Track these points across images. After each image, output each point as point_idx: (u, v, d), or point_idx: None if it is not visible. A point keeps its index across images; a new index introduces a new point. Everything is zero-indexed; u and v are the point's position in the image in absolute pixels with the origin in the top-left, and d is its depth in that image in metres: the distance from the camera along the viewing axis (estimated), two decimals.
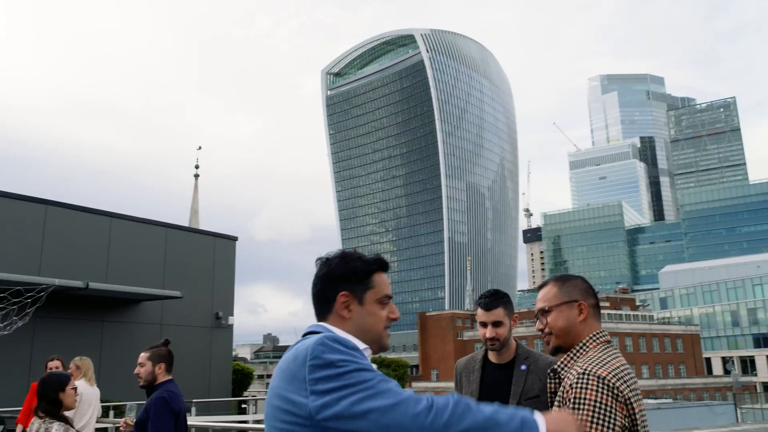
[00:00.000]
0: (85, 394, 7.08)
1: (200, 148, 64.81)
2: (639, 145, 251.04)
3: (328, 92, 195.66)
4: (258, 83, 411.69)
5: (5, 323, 12.00)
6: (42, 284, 12.53)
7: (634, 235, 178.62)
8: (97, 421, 7.85)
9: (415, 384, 52.54)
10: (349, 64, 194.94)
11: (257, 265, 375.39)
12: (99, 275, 15.40)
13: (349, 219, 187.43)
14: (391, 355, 33.64)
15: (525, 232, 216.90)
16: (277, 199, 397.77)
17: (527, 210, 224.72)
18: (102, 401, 8.06)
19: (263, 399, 25.84)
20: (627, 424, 2.05)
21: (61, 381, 4.52)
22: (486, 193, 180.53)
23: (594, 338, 2.26)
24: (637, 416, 2.07)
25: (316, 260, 1.90)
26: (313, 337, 1.66)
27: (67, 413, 4.50)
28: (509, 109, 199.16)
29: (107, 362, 12.91)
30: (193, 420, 11.16)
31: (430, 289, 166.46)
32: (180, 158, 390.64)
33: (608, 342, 2.28)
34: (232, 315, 19.22)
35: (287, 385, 1.63)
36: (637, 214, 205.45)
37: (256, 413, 20.31)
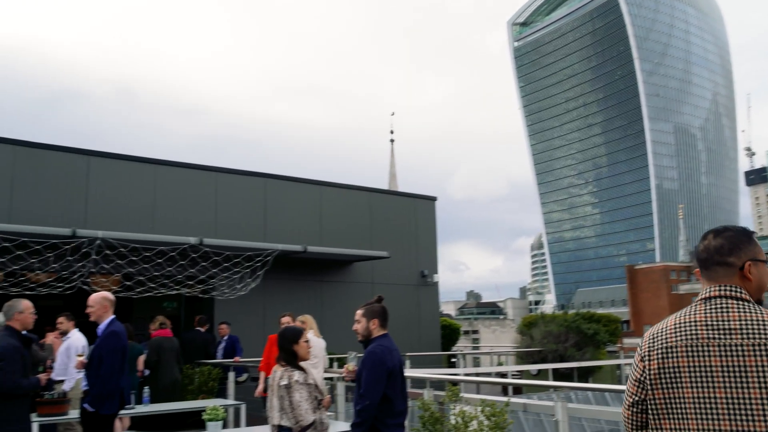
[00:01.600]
0: (314, 345, 7.73)
1: (393, 114, 66.93)
2: None
3: (515, 44, 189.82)
4: (444, 45, 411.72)
5: (241, 284, 13.61)
6: (267, 249, 13.91)
7: None
8: (325, 371, 8.57)
9: (626, 340, 50.33)
10: (535, 11, 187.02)
11: (457, 224, 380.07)
12: (314, 239, 16.69)
13: (546, 173, 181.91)
14: (600, 311, 32.42)
15: (747, 173, 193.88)
16: (471, 158, 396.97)
17: (749, 149, 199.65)
18: (327, 353, 8.76)
19: (471, 354, 26.47)
20: (644, 378, 2.11)
21: (295, 334, 4.98)
22: (697, 134, 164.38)
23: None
24: (649, 372, 2.07)
25: None
26: None
27: (302, 363, 4.95)
28: (721, 38, 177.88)
29: (328, 318, 13.98)
30: (408, 372, 11.72)
31: (637, 241, 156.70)
32: (376, 126, 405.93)
33: (706, 299, 2.13)
34: (436, 273, 19.74)
35: None
36: None
37: (465, 366, 20.88)
